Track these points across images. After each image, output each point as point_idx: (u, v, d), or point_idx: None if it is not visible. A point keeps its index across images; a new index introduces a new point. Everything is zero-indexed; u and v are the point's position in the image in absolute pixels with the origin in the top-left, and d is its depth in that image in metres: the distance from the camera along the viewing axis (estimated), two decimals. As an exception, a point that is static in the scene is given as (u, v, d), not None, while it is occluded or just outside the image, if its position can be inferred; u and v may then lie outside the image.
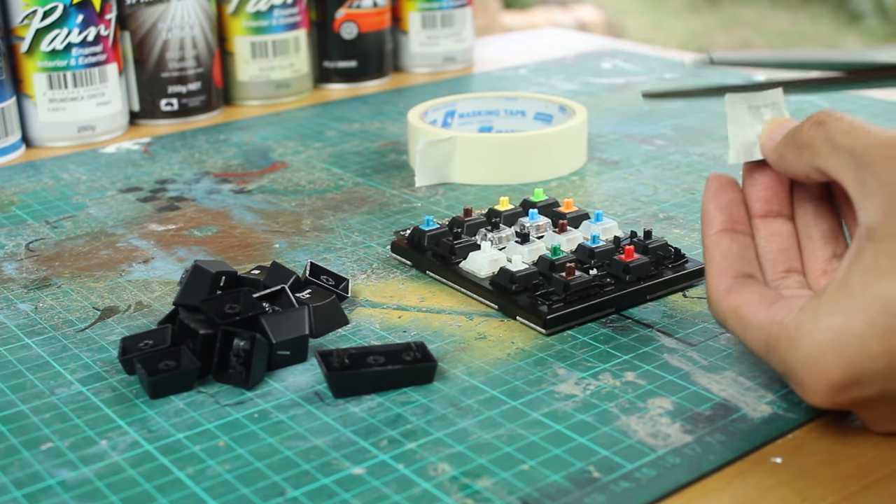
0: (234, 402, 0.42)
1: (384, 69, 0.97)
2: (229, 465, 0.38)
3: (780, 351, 0.38)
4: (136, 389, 0.43)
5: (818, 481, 0.37)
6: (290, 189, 0.68)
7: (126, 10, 0.82)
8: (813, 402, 0.37)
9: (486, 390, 0.43)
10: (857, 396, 0.36)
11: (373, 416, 0.41)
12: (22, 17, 0.77)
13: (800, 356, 0.37)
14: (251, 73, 0.89)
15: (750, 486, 0.37)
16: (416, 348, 0.44)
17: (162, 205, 0.66)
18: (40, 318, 0.50)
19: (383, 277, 0.54)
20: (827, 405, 0.37)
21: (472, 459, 0.38)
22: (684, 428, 0.40)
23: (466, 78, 0.98)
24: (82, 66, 0.79)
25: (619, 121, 0.81)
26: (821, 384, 0.36)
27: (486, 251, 0.52)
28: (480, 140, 0.68)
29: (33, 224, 0.63)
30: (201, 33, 0.85)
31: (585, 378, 0.43)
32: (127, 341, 0.45)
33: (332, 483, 0.37)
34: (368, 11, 0.94)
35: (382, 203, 0.65)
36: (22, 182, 0.71)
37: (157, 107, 0.85)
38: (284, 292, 0.48)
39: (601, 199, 0.64)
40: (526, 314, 0.48)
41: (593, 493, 0.36)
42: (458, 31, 1.01)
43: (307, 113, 0.87)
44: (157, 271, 0.56)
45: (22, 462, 0.39)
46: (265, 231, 0.61)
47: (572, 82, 0.94)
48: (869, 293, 0.35)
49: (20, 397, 0.43)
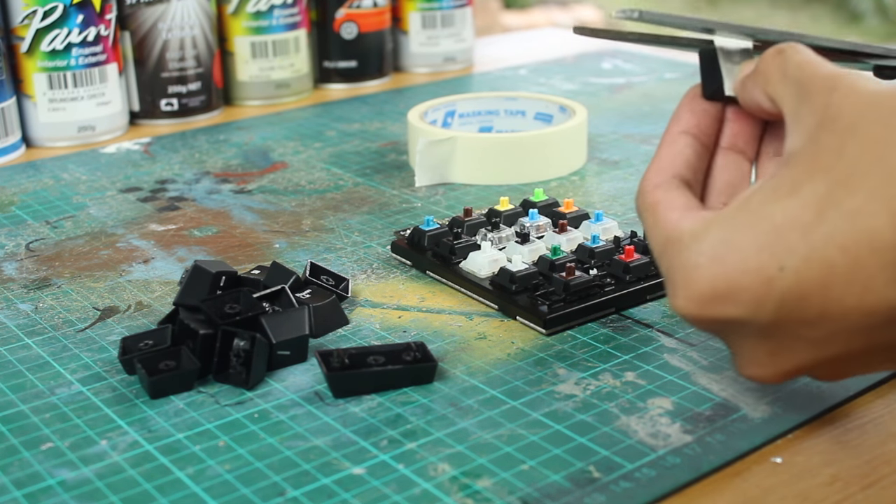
0: (234, 402, 0.42)
1: (384, 69, 0.97)
2: (229, 465, 0.38)
3: (668, 253, 0.37)
4: (136, 389, 0.43)
5: (818, 481, 0.37)
6: (290, 189, 0.68)
7: (126, 10, 0.82)
8: (680, 309, 0.36)
9: (486, 390, 0.43)
10: (722, 314, 0.35)
11: (373, 416, 0.41)
12: (22, 17, 0.77)
13: (681, 260, 0.36)
14: (251, 73, 0.89)
15: (750, 486, 0.37)
16: (416, 348, 0.44)
17: (162, 205, 0.66)
18: (40, 318, 0.50)
19: (383, 277, 0.54)
20: (692, 316, 0.36)
21: (472, 459, 0.38)
22: (684, 428, 0.40)
23: (466, 78, 0.98)
24: (82, 66, 0.79)
25: (619, 121, 0.81)
26: (690, 291, 0.35)
27: (486, 251, 0.52)
28: (480, 140, 0.68)
29: (33, 224, 0.63)
30: (201, 33, 0.85)
31: (585, 378, 0.43)
32: (127, 341, 0.45)
33: (332, 483, 0.37)
34: (368, 11, 0.94)
35: (382, 203, 0.65)
36: (22, 182, 0.71)
37: (157, 107, 0.85)
38: (284, 292, 0.48)
39: (601, 199, 0.64)
40: (526, 314, 0.48)
41: (593, 493, 0.36)
42: (458, 31, 1.00)
43: (307, 113, 0.87)
44: (157, 271, 0.56)
45: (22, 462, 0.39)
46: (265, 231, 0.61)
47: (572, 82, 0.94)
48: (761, 211, 0.34)
49: (20, 397, 0.43)
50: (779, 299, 0.33)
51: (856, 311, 0.33)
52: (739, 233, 0.34)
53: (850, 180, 0.32)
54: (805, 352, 0.35)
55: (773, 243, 0.33)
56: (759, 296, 0.34)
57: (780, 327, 0.34)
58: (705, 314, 0.35)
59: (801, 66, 0.37)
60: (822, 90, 0.35)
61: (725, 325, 0.36)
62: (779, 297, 0.33)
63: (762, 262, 0.34)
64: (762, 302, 0.34)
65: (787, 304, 0.33)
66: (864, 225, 0.32)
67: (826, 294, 0.33)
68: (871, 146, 0.33)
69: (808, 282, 0.33)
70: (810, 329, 0.34)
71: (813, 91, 0.35)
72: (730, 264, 0.34)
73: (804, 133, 0.35)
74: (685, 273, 0.35)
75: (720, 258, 0.34)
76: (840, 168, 0.33)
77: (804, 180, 0.34)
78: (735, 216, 0.35)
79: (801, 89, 0.36)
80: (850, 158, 0.33)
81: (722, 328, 0.36)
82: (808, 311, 0.33)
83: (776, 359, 0.36)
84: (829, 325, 0.33)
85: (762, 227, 0.34)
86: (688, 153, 0.41)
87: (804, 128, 0.35)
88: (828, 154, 0.33)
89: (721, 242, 0.35)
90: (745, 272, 0.34)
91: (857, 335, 0.34)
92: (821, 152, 0.34)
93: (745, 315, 0.34)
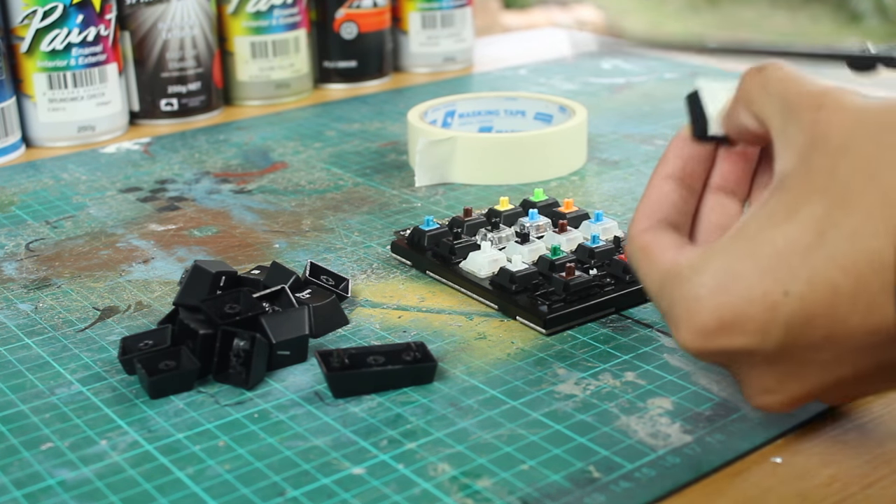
0: (234, 402, 0.42)
1: (384, 69, 0.97)
2: (229, 465, 0.38)
3: (668, 289, 0.36)
4: (136, 389, 0.43)
5: (818, 481, 0.37)
6: (290, 189, 0.68)
7: (126, 10, 0.82)
8: (685, 343, 0.35)
9: (486, 390, 0.43)
10: (728, 345, 0.34)
11: (373, 416, 0.41)
12: (22, 17, 0.77)
13: (682, 293, 0.35)
14: (251, 73, 0.89)
15: (750, 486, 0.37)
16: (416, 348, 0.44)
17: (162, 205, 0.66)
18: (40, 318, 0.50)
19: (383, 277, 0.54)
20: (698, 350, 0.35)
21: (472, 459, 0.38)
22: (684, 428, 0.40)
23: (466, 78, 0.98)
24: (82, 66, 0.79)
25: (619, 121, 0.81)
26: (694, 323, 0.35)
27: (486, 251, 0.52)
28: (480, 140, 0.68)
29: (33, 224, 0.63)
30: (201, 33, 0.85)
31: (585, 378, 0.43)
32: (127, 341, 0.45)
33: (332, 483, 0.37)
34: (368, 11, 0.94)
35: (382, 203, 0.65)
36: (22, 182, 0.71)
37: (157, 107, 0.85)
38: (284, 292, 0.48)
39: (601, 199, 0.64)
40: (526, 314, 0.48)
41: (593, 493, 0.36)
42: (458, 31, 1.00)
43: (307, 113, 0.87)
44: (157, 271, 0.56)
45: (22, 462, 0.39)
46: (265, 231, 0.61)
47: (572, 82, 0.94)
48: (760, 237, 0.34)
49: (20, 397, 0.43)
50: (785, 325, 0.33)
51: (861, 330, 0.32)
52: (740, 261, 0.34)
53: (847, 200, 0.32)
54: (814, 376, 0.35)
55: (775, 269, 0.33)
56: (764, 323, 0.34)
57: (788, 353, 0.34)
58: (711, 346, 0.35)
59: (784, 81, 0.36)
60: (809, 108, 0.35)
61: (732, 356, 0.35)
62: (785, 322, 0.33)
63: (766, 288, 0.33)
64: (768, 329, 0.34)
65: (794, 329, 0.33)
66: (863, 245, 0.32)
67: (831, 316, 0.33)
68: (864, 165, 0.32)
69: (813, 305, 0.33)
70: (818, 352, 0.34)
71: (799, 109, 0.35)
72: (734, 293, 0.34)
73: (794, 154, 0.35)
74: (687, 305, 0.35)
75: (723, 288, 0.34)
76: (835, 189, 0.33)
77: (800, 203, 0.33)
78: (734, 245, 0.35)
79: (786, 106, 0.36)
80: (844, 178, 0.33)
81: (729, 359, 0.36)
82: (814, 334, 0.33)
83: (786, 385, 0.36)
84: (836, 346, 0.33)
85: (763, 253, 0.34)
86: (674, 198, 0.41)
87: (794, 148, 0.35)
88: (821, 175, 0.33)
89: (723, 272, 0.34)
90: (749, 301, 0.34)
91: (865, 355, 0.33)
92: (813, 173, 0.34)
93: (751, 344, 0.34)
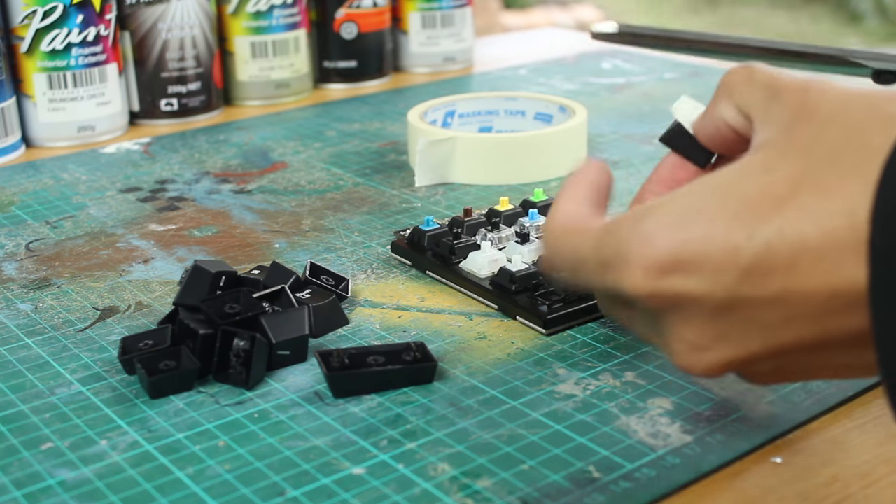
0: (234, 402, 0.42)
1: (384, 69, 0.97)
2: (229, 465, 0.38)
3: (611, 237, 0.35)
4: (136, 389, 0.43)
5: (818, 481, 0.37)
6: (290, 189, 0.68)
7: (126, 10, 0.82)
8: (634, 283, 0.33)
9: (486, 390, 0.43)
10: (680, 287, 0.33)
11: (373, 416, 0.41)
12: (22, 17, 0.77)
13: (632, 231, 0.34)
14: (251, 73, 0.89)
15: (750, 486, 0.37)
16: (416, 348, 0.44)
17: (162, 205, 0.66)
18: (40, 318, 0.50)
19: (383, 277, 0.54)
20: (648, 291, 0.33)
21: (472, 459, 0.38)
22: (684, 428, 0.40)
23: (466, 78, 0.98)
24: (82, 66, 0.79)
25: (619, 121, 0.81)
26: (647, 258, 0.33)
27: (486, 251, 0.52)
28: (480, 140, 0.68)
29: (33, 224, 0.63)
30: (201, 33, 0.85)
31: (585, 378, 0.43)
32: (127, 341, 0.45)
33: (332, 483, 0.37)
34: (368, 11, 0.94)
35: (382, 203, 0.65)
36: (22, 182, 0.71)
37: (157, 107, 0.85)
38: (284, 292, 0.48)
39: (601, 199, 0.64)
40: (526, 314, 0.48)
41: (593, 493, 0.36)
42: (458, 31, 1.01)
43: (307, 113, 0.87)
44: (157, 271, 0.56)
45: (22, 462, 0.39)
46: (265, 231, 0.61)
47: (572, 82, 0.94)
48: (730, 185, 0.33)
49: (20, 397, 0.43)
50: (742, 271, 0.32)
51: (818, 292, 0.31)
52: (703, 200, 0.33)
53: (829, 160, 0.31)
54: (754, 339, 0.33)
55: (742, 213, 0.32)
56: (721, 266, 0.32)
57: (735, 306, 0.33)
58: (662, 287, 0.33)
59: (770, 72, 0.36)
60: (796, 90, 0.35)
61: (677, 302, 0.33)
62: (743, 268, 0.32)
63: (729, 229, 0.32)
64: (724, 272, 0.32)
65: (750, 277, 0.32)
66: (840, 202, 0.31)
67: (792, 270, 0.31)
68: (855, 129, 0.32)
69: (776, 255, 0.31)
70: (766, 310, 0.32)
71: (786, 91, 0.35)
72: (693, 231, 0.32)
73: (775, 127, 0.34)
74: (640, 241, 0.33)
75: (683, 225, 0.33)
76: (818, 150, 0.32)
77: (778, 160, 0.33)
78: (696, 188, 0.33)
79: (771, 92, 0.36)
80: (831, 141, 0.32)
81: (672, 306, 0.34)
82: (769, 287, 0.32)
83: (720, 344, 0.34)
84: (787, 307, 0.32)
85: (731, 196, 0.32)
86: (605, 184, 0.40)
87: (776, 123, 0.34)
88: (804, 139, 0.33)
89: (682, 210, 0.33)
90: (709, 239, 0.32)
91: (813, 323, 0.32)
92: (796, 138, 0.33)
93: (702, 289, 0.33)
